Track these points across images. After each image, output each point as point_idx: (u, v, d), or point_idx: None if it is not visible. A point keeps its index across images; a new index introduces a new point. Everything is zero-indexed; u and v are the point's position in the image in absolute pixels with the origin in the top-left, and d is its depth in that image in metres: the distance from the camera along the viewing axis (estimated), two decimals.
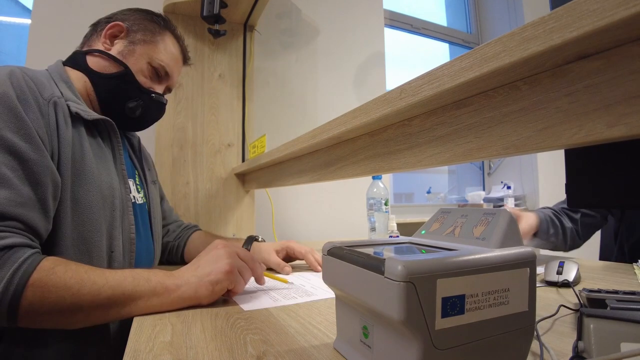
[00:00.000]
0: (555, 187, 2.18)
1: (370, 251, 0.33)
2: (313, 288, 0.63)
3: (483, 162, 2.49)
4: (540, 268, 0.73)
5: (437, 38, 2.45)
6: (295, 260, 0.84)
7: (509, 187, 2.25)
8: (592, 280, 0.70)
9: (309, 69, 1.68)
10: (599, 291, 0.47)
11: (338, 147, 0.62)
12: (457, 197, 2.41)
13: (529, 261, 0.30)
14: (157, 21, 0.76)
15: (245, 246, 0.81)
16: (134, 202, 0.71)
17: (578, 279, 0.67)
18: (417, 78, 0.35)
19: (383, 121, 0.45)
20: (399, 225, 1.22)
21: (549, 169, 2.18)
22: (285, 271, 0.75)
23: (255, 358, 0.35)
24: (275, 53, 1.61)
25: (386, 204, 1.09)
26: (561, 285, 0.64)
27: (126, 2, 0.84)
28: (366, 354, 0.32)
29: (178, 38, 0.80)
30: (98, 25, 0.74)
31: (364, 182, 1.21)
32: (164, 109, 0.79)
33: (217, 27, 1.18)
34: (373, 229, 1.11)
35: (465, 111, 0.35)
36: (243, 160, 1.32)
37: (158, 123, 0.84)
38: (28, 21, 1.22)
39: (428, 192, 2.36)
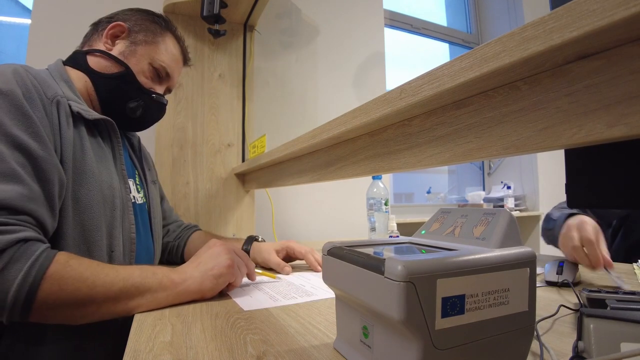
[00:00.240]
0: (555, 187, 2.18)
1: (370, 251, 0.33)
2: (313, 288, 0.63)
3: (483, 162, 2.50)
4: (540, 268, 0.73)
5: (437, 38, 2.45)
6: (295, 260, 0.84)
7: (509, 187, 2.25)
8: (592, 280, 0.70)
9: (309, 69, 1.68)
10: (599, 291, 0.47)
11: (338, 147, 0.62)
12: (457, 197, 2.41)
13: (529, 261, 0.30)
14: (159, 22, 0.76)
15: (245, 246, 0.81)
16: (134, 202, 0.71)
17: (578, 279, 0.67)
18: (417, 78, 0.35)
19: (383, 121, 0.45)
20: (399, 225, 1.22)
21: (549, 169, 2.18)
22: (285, 271, 0.75)
23: (255, 358, 0.35)
24: (275, 53, 1.61)
25: (386, 204, 1.09)
26: (561, 285, 0.64)
27: (126, 2, 0.84)
28: (366, 354, 0.32)
29: (179, 39, 0.80)
30: (99, 24, 0.74)
31: (364, 182, 1.21)
32: (165, 110, 0.79)
33: (217, 27, 1.18)
34: (373, 229, 1.11)
35: (465, 111, 0.35)
36: (243, 160, 1.32)
37: (158, 123, 0.85)
38: (28, 21, 1.22)
39: (428, 192, 2.37)
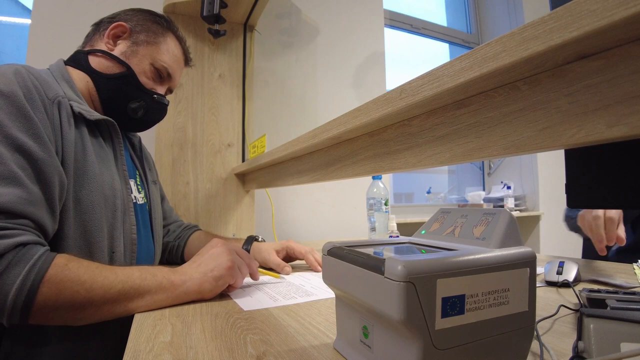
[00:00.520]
0: (555, 187, 2.18)
1: (370, 251, 0.33)
2: (313, 288, 0.63)
3: (483, 162, 2.49)
4: (540, 268, 0.73)
5: (437, 38, 2.45)
6: (295, 260, 0.84)
7: (509, 187, 2.25)
8: (592, 279, 0.70)
9: (309, 69, 1.68)
10: (599, 291, 0.47)
11: (338, 147, 0.62)
12: (457, 197, 2.41)
13: (529, 261, 0.30)
14: (160, 22, 0.76)
15: (245, 246, 0.81)
16: (135, 202, 0.71)
17: (578, 279, 0.67)
18: (417, 78, 0.35)
19: (383, 121, 0.45)
20: (399, 225, 1.22)
21: (549, 169, 2.18)
22: (285, 271, 0.75)
23: (255, 358, 0.35)
24: (275, 53, 1.61)
25: (386, 204, 1.09)
26: (561, 285, 0.64)
27: (126, 2, 0.84)
28: (366, 354, 0.32)
29: (180, 39, 0.80)
30: (101, 24, 0.74)
31: (364, 182, 1.21)
32: (166, 110, 0.79)
33: (217, 27, 1.18)
34: (373, 229, 1.11)
35: (465, 111, 0.35)
36: (243, 160, 1.32)
37: (158, 123, 0.85)
38: (28, 21, 1.22)
39: (428, 192, 2.36)
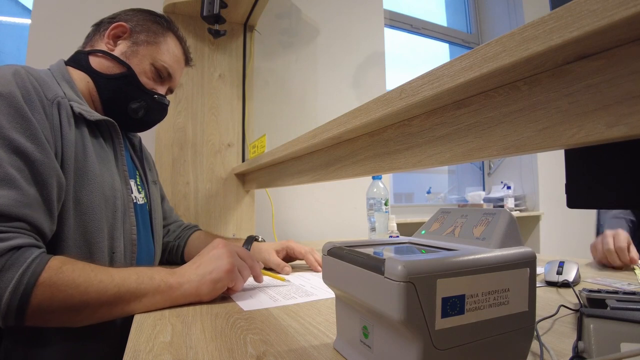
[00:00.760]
0: (555, 187, 2.18)
1: (370, 251, 0.33)
2: (313, 288, 0.63)
3: (483, 162, 2.49)
4: (540, 268, 0.73)
5: (437, 38, 2.45)
6: (295, 260, 0.84)
7: (509, 187, 2.25)
8: (592, 280, 0.70)
9: (309, 69, 1.68)
10: (599, 291, 0.47)
11: (338, 147, 0.62)
12: (457, 197, 2.41)
13: (529, 261, 0.30)
14: (160, 22, 0.76)
15: (245, 246, 0.81)
16: (135, 203, 0.71)
17: (578, 279, 0.67)
18: (417, 78, 0.35)
19: (383, 121, 0.45)
20: (399, 225, 1.22)
21: (549, 169, 2.18)
22: (285, 271, 0.75)
23: (255, 358, 0.35)
24: (275, 53, 1.61)
25: (386, 204, 1.09)
26: (561, 285, 0.64)
27: (126, 2, 0.84)
28: (366, 354, 0.32)
29: (180, 39, 0.80)
30: (101, 25, 0.74)
31: (364, 182, 1.21)
32: (167, 110, 0.79)
33: (217, 27, 1.18)
34: (373, 229, 1.11)
35: (465, 111, 0.35)
36: (243, 160, 1.32)
37: (158, 123, 0.85)
38: (28, 21, 1.22)
39: (428, 192, 2.36)
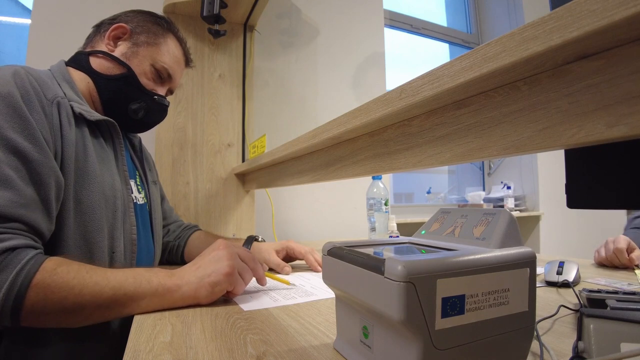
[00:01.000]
0: (555, 187, 2.18)
1: (370, 251, 0.33)
2: (313, 288, 0.63)
3: (483, 162, 2.49)
4: (540, 268, 0.73)
5: (437, 38, 2.45)
6: (295, 260, 0.84)
7: (509, 187, 2.25)
8: (592, 280, 0.70)
9: (309, 69, 1.68)
10: (599, 291, 0.47)
11: (338, 147, 0.62)
12: (457, 197, 2.41)
13: (529, 261, 0.30)
14: (161, 23, 0.76)
15: (245, 246, 0.81)
16: (135, 203, 0.71)
17: (578, 279, 0.67)
18: (417, 78, 0.35)
19: (383, 121, 0.45)
20: (399, 225, 1.22)
21: (549, 169, 2.18)
22: (285, 271, 0.75)
23: (255, 358, 0.35)
24: (275, 53, 1.61)
25: (386, 204, 1.09)
26: (561, 285, 0.64)
27: (126, 3, 0.84)
28: (366, 354, 0.32)
29: (181, 40, 0.80)
30: (101, 26, 0.74)
31: (364, 182, 1.21)
32: (167, 111, 0.79)
33: (217, 27, 1.18)
34: (373, 229, 1.11)
35: (465, 111, 0.35)
36: (243, 160, 1.32)
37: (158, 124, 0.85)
38: (28, 21, 1.22)
39: (428, 192, 2.36)
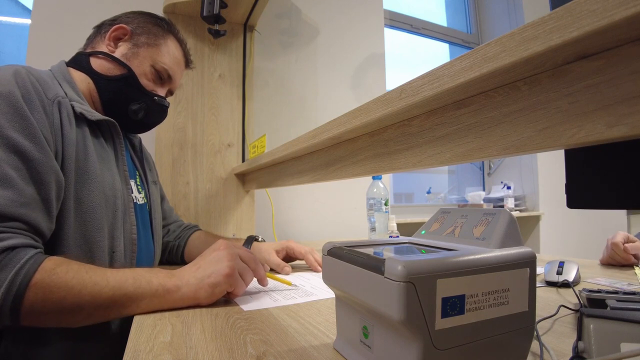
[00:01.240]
0: (555, 187, 2.18)
1: (370, 251, 0.33)
2: (313, 288, 0.63)
3: (483, 162, 2.49)
4: (540, 268, 0.73)
5: (437, 38, 2.45)
6: (295, 260, 0.84)
7: (509, 188, 2.25)
8: (592, 280, 0.70)
9: (309, 69, 1.68)
10: (599, 291, 0.47)
11: (338, 147, 0.62)
12: (457, 197, 2.41)
13: (529, 261, 0.30)
14: (161, 24, 0.76)
15: (245, 246, 0.81)
16: (135, 203, 0.71)
17: (578, 279, 0.67)
18: (417, 78, 0.35)
19: (383, 121, 0.45)
20: (399, 225, 1.22)
21: (549, 169, 2.18)
22: (285, 271, 0.75)
23: (255, 358, 0.35)
24: (275, 53, 1.61)
25: (386, 204, 1.09)
26: (561, 285, 0.64)
27: (126, 3, 0.84)
28: (366, 354, 0.32)
29: (181, 41, 0.80)
30: (102, 27, 0.74)
31: (364, 182, 1.21)
32: (167, 112, 0.79)
33: (217, 27, 1.18)
34: (373, 229, 1.11)
35: (465, 111, 0.35)
36: (243, 160, 1.32)
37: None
38: (28, 21, 1.22)
39: (428, 192, 2.36)
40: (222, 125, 1.31)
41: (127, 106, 0.71)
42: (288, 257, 0.82)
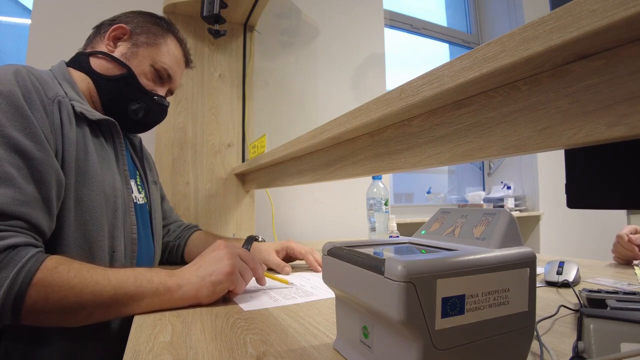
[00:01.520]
0: (555, 187, 2.18)
1: (370, 251, 0.33)
2: (313, 288, 0.63)
3: (483, 162, 2.49)
4: (540, 268, 0.73)
5: (437, 38, 2.45)
6: (295, 260, 0.84)
7: (509, 187, 2.25)
8: (592, 280, 0.70)
9: (309, 69, 1.68)
10: (599, 291, 0.47)
11: (338, 147, 0.62)
12: (457, 197, 2.41)
13: (529, 261, 0.30)
14: (160, 24, 0.76)
15: (245, 246, 0.81)
16: (135, 202, 0.71)
17: (578, 279, 0.67)
18: (417, 78, 0.35)
19: (383, 121, 0.45)
20: (399, 225, 1.22)
21: (549, 169, 2.18)
22: (285, 271, 0.75)
23: (255, 358, 0.35)
24: (275, 53, 1.61)
25: (386, 204, 1.09)
26: (561, 285, 0.64)
27: (126, 3, 0.84)
28: (366, 354, 0.32)
29: (181, 41, 0.80)
30: (101, 27, 0.74)
31: (364, 182, 1.21)
32: (166, 112, 0.79)
33: (217, 27, 1.18)
34: (373, 229, 1.11)
35: (465, 111, 0.35)
36: (243, 160, 1.32)
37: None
38: (28, 21, 1.22)
39: (428, 192, 2.36)
40: (222, 125, 1.31)
41: (127, 106, 0.71)
42: (288, 257, 0.82)
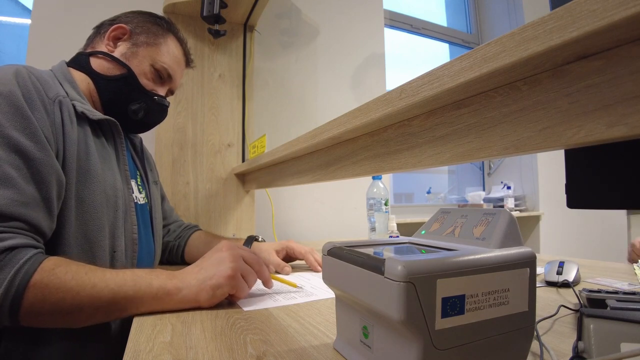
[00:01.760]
0: (555, 187, 2.18)
1: (370, 251, 0.33)
2: (313, 288, 0.63)
3: (483, 162, 2.49)
4: (540, 268, 0.73)
5: (437, 38, 2.45)
6: (295, 260, 0.84)
7: (509, 188, 2.25)
8: (592, 280, 0.70)
9: (309, 69, 1.68)
10: (599, 291, 0.47)
11: (338, 147, 0.62)
12: (457, 197, 2.41)
13: (529, 261, 0.30)
14: (161, 24, 0.76)
15: (245, 246, 0.81)
16: (136, 202, 0.71)
17: (578, 279, 0.67)
18: (417, 78, 0.35)
19: (383, 121, 0.45)
20: (399, 225, 1.22)
21: (549, 169, 2.18)
22: (285, 271, 0.75)
23: (255, 358, 0.35)
24: (275, 53, 1.61)
25: (386, 204, 1.09)
26: (561, 285, 0.64)
27: (126, 3, 0.84)
28: (366, 354, 0.32)
29: (181, 41, 0.80)
30: (102, 27, 0.74)
31: (364, 182, 1.21)
32: (167, 112, 0.79)
33: (217, 27, 1.18)
34: (373, 229, 1.11)
35: (465, 111, 0.35)
36: (243, 160, 1.32)
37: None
38: (28, 21, 1.22)
39: (428, 192, 2.36)
40: (222, 125, 1.31)
41: (127, 106, 0.71)
42: (288, 257, 0.82)
